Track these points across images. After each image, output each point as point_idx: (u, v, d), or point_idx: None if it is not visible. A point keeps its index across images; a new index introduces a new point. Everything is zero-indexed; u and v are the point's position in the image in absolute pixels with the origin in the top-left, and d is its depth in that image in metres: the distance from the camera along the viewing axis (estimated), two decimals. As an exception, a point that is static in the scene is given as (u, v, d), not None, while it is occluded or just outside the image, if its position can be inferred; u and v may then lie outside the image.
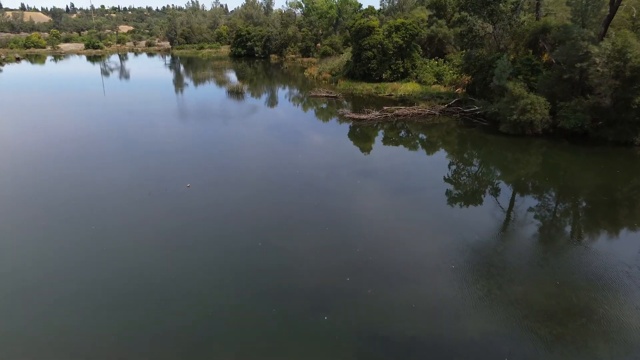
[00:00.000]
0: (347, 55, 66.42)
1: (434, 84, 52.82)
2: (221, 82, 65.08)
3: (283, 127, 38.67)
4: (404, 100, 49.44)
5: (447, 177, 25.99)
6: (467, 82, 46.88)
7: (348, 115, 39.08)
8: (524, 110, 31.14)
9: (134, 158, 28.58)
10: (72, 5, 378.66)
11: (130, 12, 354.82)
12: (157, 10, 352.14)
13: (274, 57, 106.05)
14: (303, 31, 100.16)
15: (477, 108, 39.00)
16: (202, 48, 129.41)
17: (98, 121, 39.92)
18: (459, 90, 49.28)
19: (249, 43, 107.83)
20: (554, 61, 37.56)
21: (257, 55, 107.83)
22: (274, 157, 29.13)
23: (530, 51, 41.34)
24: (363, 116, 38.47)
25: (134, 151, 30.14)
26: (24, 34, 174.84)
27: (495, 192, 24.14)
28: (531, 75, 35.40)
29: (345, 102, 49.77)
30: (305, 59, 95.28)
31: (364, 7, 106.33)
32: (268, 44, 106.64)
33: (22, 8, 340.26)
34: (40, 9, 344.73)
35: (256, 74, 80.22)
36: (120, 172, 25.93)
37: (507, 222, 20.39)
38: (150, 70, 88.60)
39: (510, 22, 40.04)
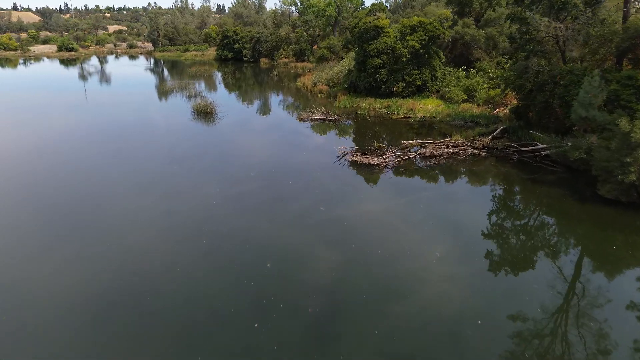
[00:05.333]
0: (348, 61, 53.87)
1: (463, 101, 40.22)
2: (191, 95, 52.38)
3: (247, 178, 25.98)
4: (425, 125, 36.89)
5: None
6: (513, 101, 34.43)
7: (353, 158, 26.33)
8: (650, 166, 18.63)
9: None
10: (66, 5, 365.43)
11: (125, 12, 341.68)
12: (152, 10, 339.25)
13: (264, 62, 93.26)
14: (297, 32, 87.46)
15: (542, 146, 26.45)
16: (186, 50, 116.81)
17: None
18: (499, 111, 36.75)
19: (236, 45, 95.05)
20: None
21: (245, 59, 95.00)
22: (222, 261, 16.53)
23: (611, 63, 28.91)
24: (374, 160, 25.67)
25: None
26: (12, 35, 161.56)
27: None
28: (636, 102, 22.85)
29: (347, 123, 37.25)
30: (299, 64, 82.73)
31: (366, 4, 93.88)
32: (258, 46, 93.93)
33: (14, 8, 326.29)
34: (34, 9, 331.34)
35: (240, 83, 67.51)
36: None
37: None
38: (115, 77, 75.85)
39: (589, 21, 27.44)
